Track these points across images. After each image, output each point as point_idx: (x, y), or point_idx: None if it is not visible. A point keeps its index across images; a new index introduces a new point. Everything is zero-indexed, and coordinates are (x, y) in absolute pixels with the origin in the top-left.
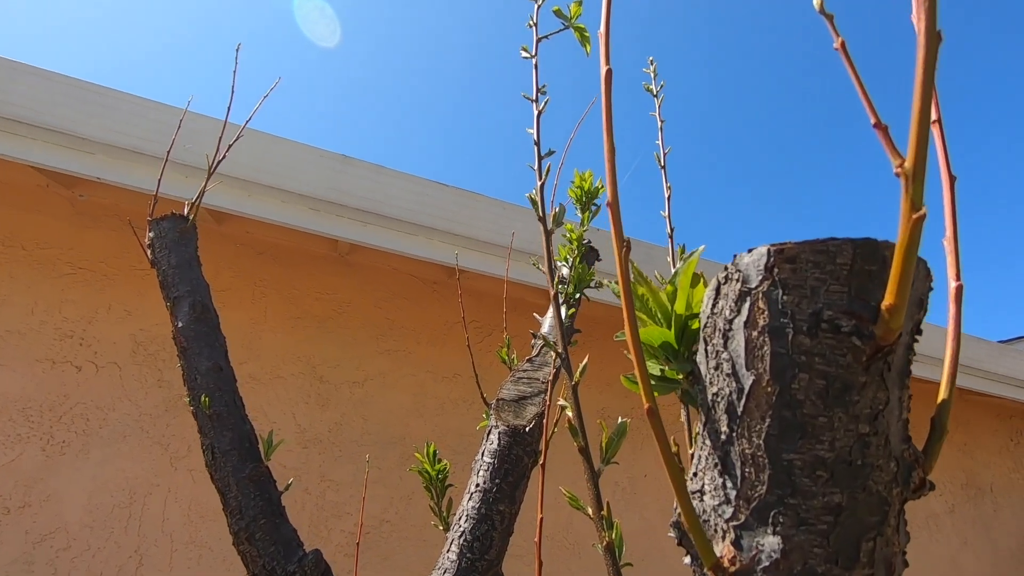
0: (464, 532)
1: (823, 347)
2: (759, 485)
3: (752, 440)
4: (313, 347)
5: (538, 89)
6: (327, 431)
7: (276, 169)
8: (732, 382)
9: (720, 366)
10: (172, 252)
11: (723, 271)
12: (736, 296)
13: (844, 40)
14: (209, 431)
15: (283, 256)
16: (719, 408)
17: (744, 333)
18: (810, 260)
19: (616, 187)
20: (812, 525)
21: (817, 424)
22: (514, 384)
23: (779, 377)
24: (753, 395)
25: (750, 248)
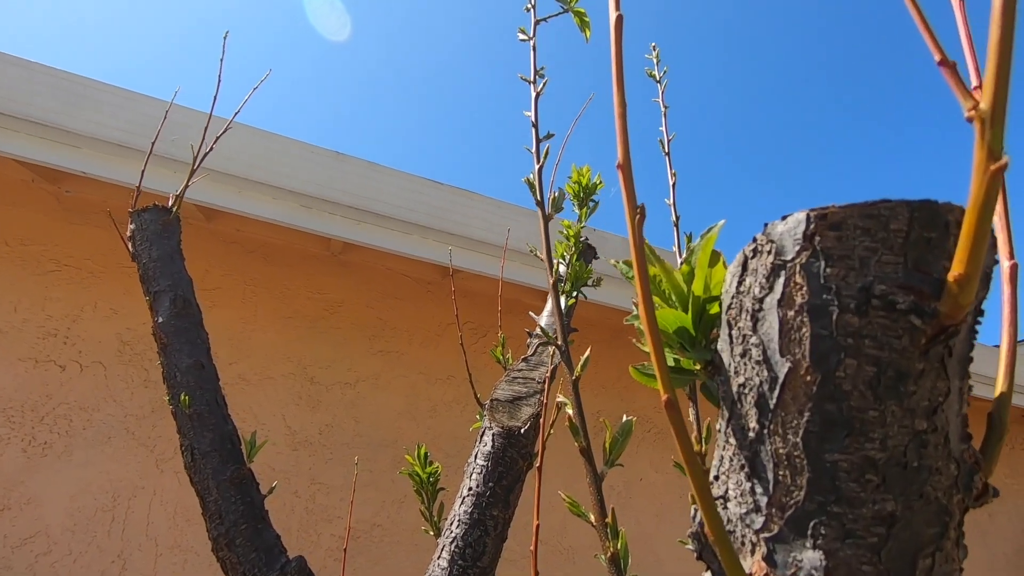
0: (456, 538)
1: (874, 328)
2: (796, 491)
3: (787, 438)
4: (304, 347)
5: (536, 71)
6: (318, 433)
7: (268, 165)
8: (763, 371)
9: (748, 352)
10: (154, 245)
11: (751, 243)
12: (768, 271)
13: None
14: (189, 431)
15: (274, 254)
16: (747, 401)
17: (778, 313)
18: (858, 226)
19: (628, 147)
20: (860, 538)
21: (866, 419)
22: (509, 384)
23: (821, 364)
24: (789, 385)
25: (784, 215)
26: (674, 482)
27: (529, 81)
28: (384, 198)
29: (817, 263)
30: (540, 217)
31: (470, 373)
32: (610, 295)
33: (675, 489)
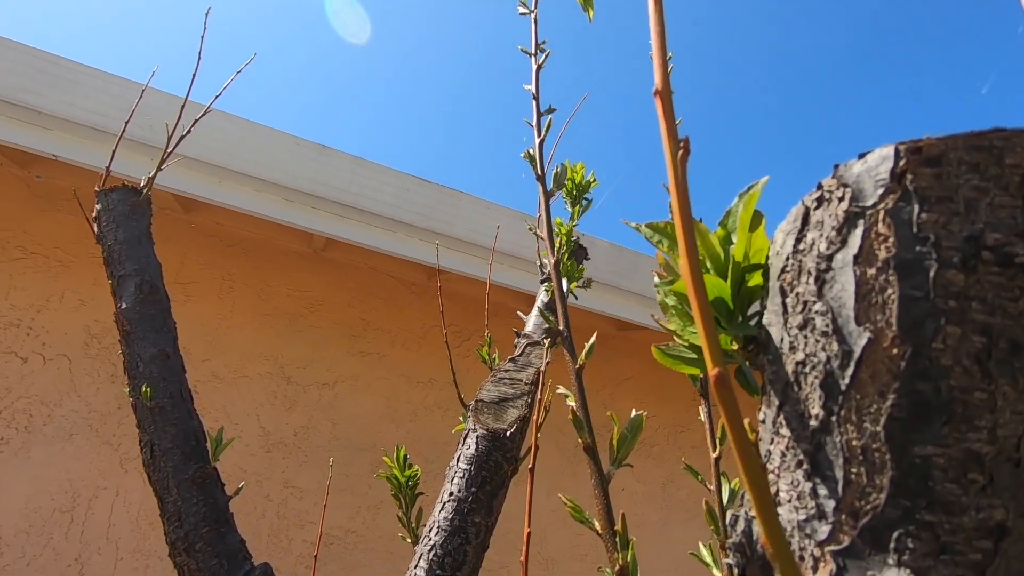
0: (434, 545)
1: (984, 287)
2: (874, 493)
3: (864, 427)
4: (282, 346)
5: (537, 45)
6: (293, 435)
7: (250, 156)
8: (832, 344)
9: (811, 323)
10: (120, 227)
11: (815, 191)
12: (840, 221)
13: None
14: (149, 426)
15: (254, 249)
16: (808, 383)
17: (854, 272)
18: (964, 161)
19: (667, 71)
20: (959, 554)
21: (971, 402)
22: (495, 385)
23: (912, 333)
24: (868, 361)
25: (861, 153)
26: (655, 493)
27: (530, 54)
28: (369, 194)
29: (908, 208)
30: (541, 192)
31: (454, 372)
32: (596, 301)
33: (656, 500)
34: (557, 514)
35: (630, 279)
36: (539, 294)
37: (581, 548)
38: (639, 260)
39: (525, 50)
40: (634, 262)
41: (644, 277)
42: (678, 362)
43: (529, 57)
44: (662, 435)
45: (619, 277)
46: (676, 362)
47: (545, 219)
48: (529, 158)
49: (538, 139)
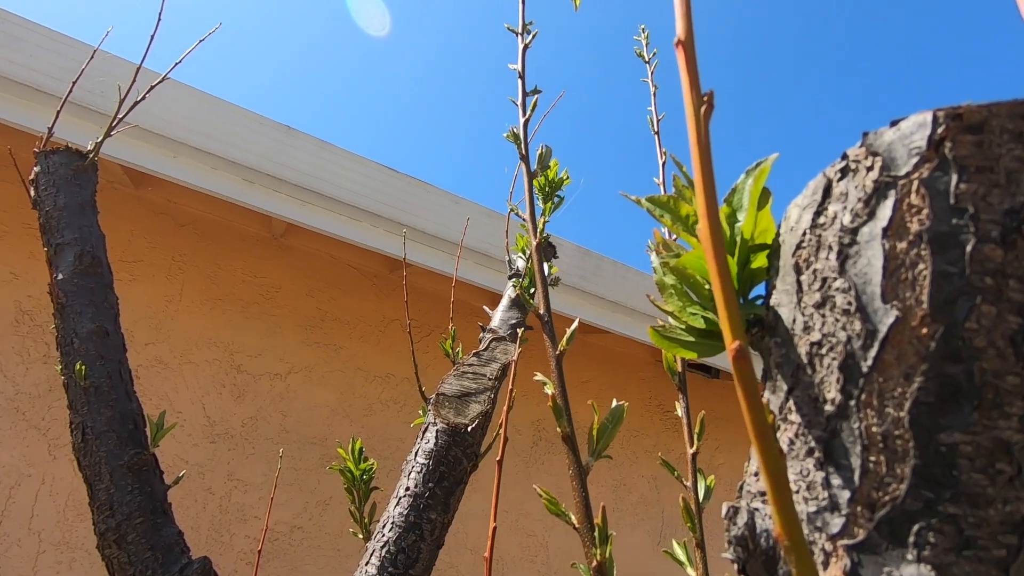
0: (388, 542)
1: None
2: (893, 483)
3: (886, 412)
4: (233, 333)
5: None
6: (240, 425)
7: (209, 131)
8: (854, 323)
9: (830, 300)
10: (61, 192)
11: (839, 161)
12: (868, 192)
13: None
14: (82, 407)
15: (208, 230)
16: (823, 364)
17: (882, 246)
18: (1007, 129)
19: (690, 19)
20: (984, 549)
21: (1003, 387)
22: (457, 379)
23: (944, 311)
24: (894, 341)
25: (893, 120)
26: (605, 496)
27: (516, 32)
28: (334, 180)
29: (945, 178)
30: (524, 172)
31: (416, 365)
32: (558, 302)
33: (607, 503)
34: (509, 514)
35: (593, 282)
36: (506, 290)
37: (531, 549)
38: (603, 264)
39: (512, 28)
40: (598, 265)
41: (607, 280)
42: (675, 345)
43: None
44: (617, 439)
45: (582, 280)
46: (673, 345)
47: (528, 200)
48: (514, 137)
49: (523, 118)
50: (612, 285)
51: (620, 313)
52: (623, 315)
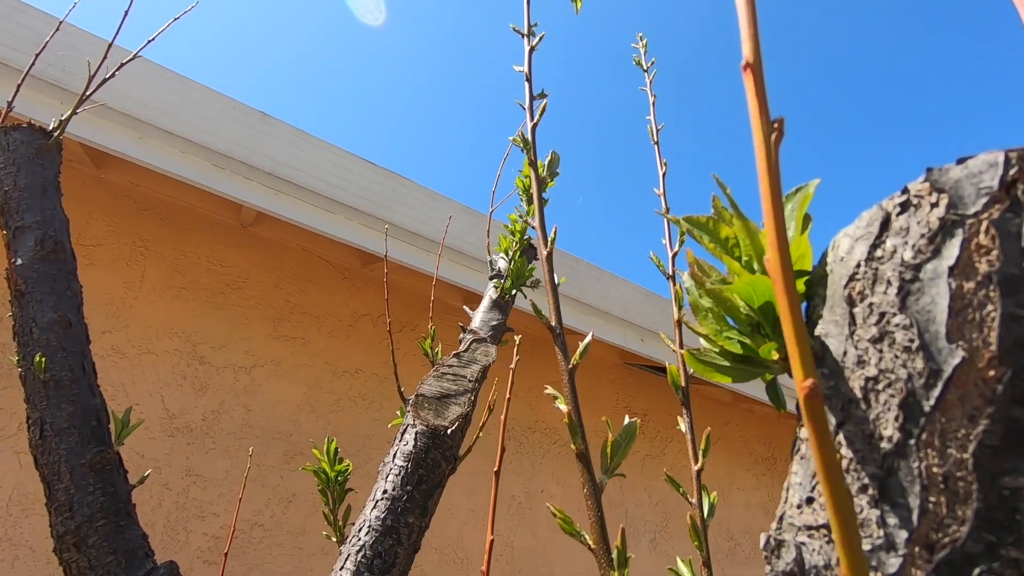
0: (364, 546)
1: None
2: (954, 525)
3: (948, 453)
4: (196, 323)
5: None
6: (201, 419)
7: (180, 114)
8: (916, 361)
9: (888, 336)
10: (22, 171)
11: (899, 194)
12: (933, 229)
13: None
14: (40, 401)
15: (173, 215)
16: (879, 400)
17: (948, 285)
18: None
19: (757, 42)
20: None
21: None
22: (437, 380)
23: (1013, 354)
24: (958, 382)
25: (960, 158)
26: (571, 496)
27: (523, 34)
28: (310, 171)
29: (1016, 220)
30: (533, 178)
31: (395, 364)
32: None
33: (573, 503)
34: (476, 514)
35: (569, 284)
36: (487, 291)
37: (497, 548)
38: (578, 266)
39: (517, 29)
40: (573, 267)
41: (583, 283)
42: (710, 369)
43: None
44: None
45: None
46: (708, 369)
47: (538, 209)
48: (523, 141)
49: (531, 123)
50: (587, 288)
51: (593, 316)
52: (596, 318)
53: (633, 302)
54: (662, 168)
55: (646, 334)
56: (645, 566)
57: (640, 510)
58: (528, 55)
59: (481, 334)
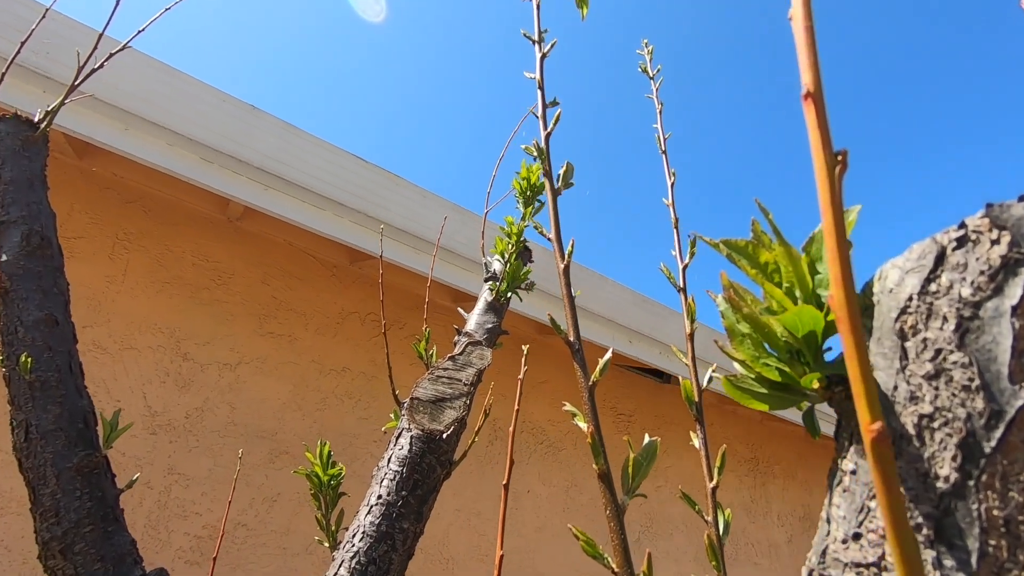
0: (358, 552)
1: None
2: (1015, 569)
3: (1009, 496)
4: (180, 318)
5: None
6: (184, 417)
7: (167, 105)
8: (976, 400)
9: (945, 374)
10: (7, 163)
11: (956, 229)
12: (995, 266)
13: None
14: (26, 403)
15: (158, 209)
16: (935, 439)
17: (1012, 325)
18: None
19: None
20: None
21: None
22: (432, 383)
23: None
24: (1021, 423)
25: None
26: (557, 496)
27: (534, 40)
28: (300, 166)
29: None
30: (548, 191)
31: (390, 367)
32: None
33: (559, 503)
34: (461, 514)
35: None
36: (482, 293)
37: (482, 548)
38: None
39: (528, 35)
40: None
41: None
42: (747, 396)
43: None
44: (570, 440)
45: (546, 281)
46: (745, 396)
47: (553, 218)
48: (538, 151)
49: (544, 132)
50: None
51: (583, 317)
52: (585, 319)
53: (622, 304)
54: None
55: (634, 336)
56: None
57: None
58: (539, 62)
59: (476, 337)
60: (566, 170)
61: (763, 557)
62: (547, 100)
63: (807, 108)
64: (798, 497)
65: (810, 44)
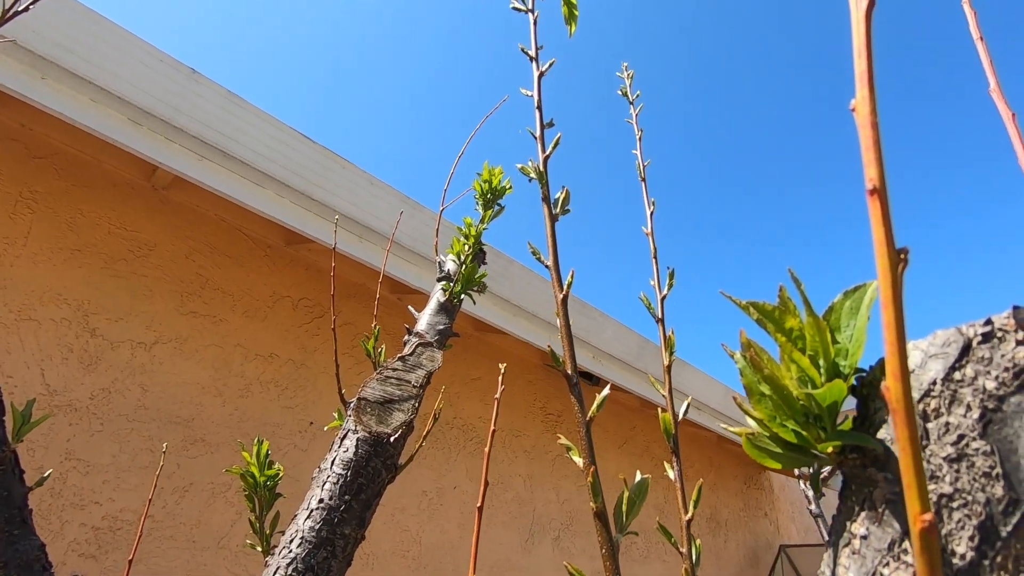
0: (296, 559)
1: None
2: None
3: None
4: (90, 291)
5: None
6: (88, 397)
7: (97, 60)
8: (995, 487)
9: (967, 459)
10: None
11: (983, 324)
12: (1020, 365)
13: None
14: None
15: (73, 168)
16: (953, 518)
17: None
18: None
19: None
20: None
21: None
22: (380, 384)
23: None
24: None
25: None
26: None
27: (531, 57)
28: (241, 139)
29: None
30: (546, 216)
31: (338, 364)
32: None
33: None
34: (385, 509)
35: (498, 283)
36: (434, 292)
37: (404, 544)
38: (512, 267)
39: (526, 51)
40: (507, 267)
41: (513, 283)
42: (765, 455)
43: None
44: (499, 437)
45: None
46: (763, 455)
47: (551, 245)
48: (538, 174)
49: (542, 155)
50: (517, 288)
51: (521, 317)
52: (523, 319)
53: None
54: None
55: None
56: (547, 563)
57: (547, 508)
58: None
59: (427, 338)
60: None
61: (671, 555)
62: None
63: (872, 204)
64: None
65: (875, 140)
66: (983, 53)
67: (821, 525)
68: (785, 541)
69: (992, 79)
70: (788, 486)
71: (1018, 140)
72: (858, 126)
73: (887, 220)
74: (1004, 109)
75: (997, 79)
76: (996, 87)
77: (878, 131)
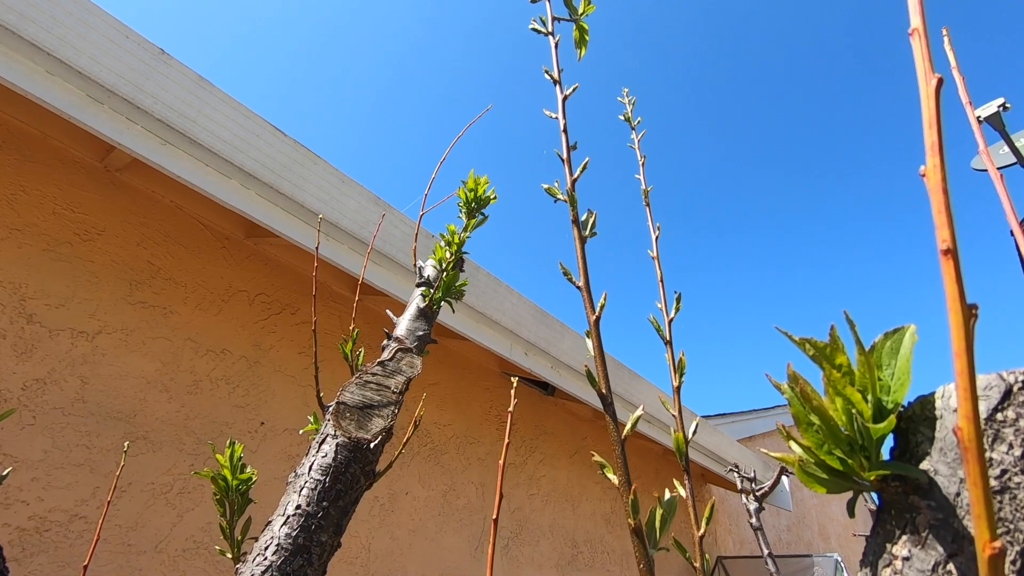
0: (270, 567)
1: None
2: None
3: None
4: (29, 274)
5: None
6: (20, 388)
7: (58, 30)
8: None
9: (1009, 492)
10: None
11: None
12: None
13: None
14: None
15: (18, 143)
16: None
17: None
18: None
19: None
20: None
21: None
22: (360, 388)
23: None
24: None
25: None
26: (435, 499)
27: (555, 80)
28: (208, 125)
29: None
30: (576, 238)
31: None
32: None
33: (435, 506)
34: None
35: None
36: (413, 298)
37: (353, 551)
38: (478, 274)
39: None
40: (473, 275)
41: (479, 291)
42: (812, 481)
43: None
44: (454, 444)
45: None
46: (811, 480)
47: (582, 266)
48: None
49: (570, 178)
50: (482, 296)
51: (483, 324)
52: (486, 326)
53: (524, 316)
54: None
55: (531, 348)
56: (496, 571)
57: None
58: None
59: (407, 344)
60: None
61: (615, 565)
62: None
63: (945, 265)
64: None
65: (946, 204)
66: (972, 118)
67: (760, 538)
68: (722, 553)
69: (981, 142)
70: (727, 500)
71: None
72: (929, 191)
73: (959, 278)
74: (993, 171)
75: (985, 142)
76: (984, 149)
77: (948, 197)
